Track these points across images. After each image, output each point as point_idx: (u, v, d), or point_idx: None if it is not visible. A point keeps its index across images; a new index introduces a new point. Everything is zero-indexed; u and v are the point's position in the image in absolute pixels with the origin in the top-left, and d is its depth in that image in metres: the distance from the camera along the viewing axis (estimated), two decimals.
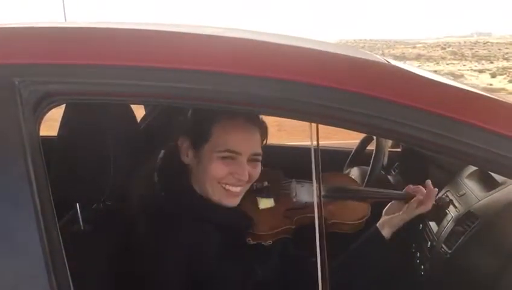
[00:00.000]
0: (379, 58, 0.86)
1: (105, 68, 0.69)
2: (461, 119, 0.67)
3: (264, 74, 0.69)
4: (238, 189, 1.01)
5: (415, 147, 1.55)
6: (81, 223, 0.93)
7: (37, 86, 0.68)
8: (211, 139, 0.98)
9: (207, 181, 1.00)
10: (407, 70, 0.79)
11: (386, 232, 1.13)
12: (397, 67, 0.80)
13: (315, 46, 0.80)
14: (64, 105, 0.92)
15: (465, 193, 1.35)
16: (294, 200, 1.15)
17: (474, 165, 1.34)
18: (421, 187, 1.16)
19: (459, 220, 1.25)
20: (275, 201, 1.13)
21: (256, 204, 1.10)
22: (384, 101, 0.68)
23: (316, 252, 0.86)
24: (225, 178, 0.99)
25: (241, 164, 0.99)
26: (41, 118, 0.71)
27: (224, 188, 1.00)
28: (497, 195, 1.22)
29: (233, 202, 1.02)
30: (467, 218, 1.22)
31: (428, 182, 1.16)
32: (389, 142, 1.81)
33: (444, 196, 1.36)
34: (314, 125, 0.80)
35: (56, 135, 0.93)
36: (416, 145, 0.75)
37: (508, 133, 0.68)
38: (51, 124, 0.93)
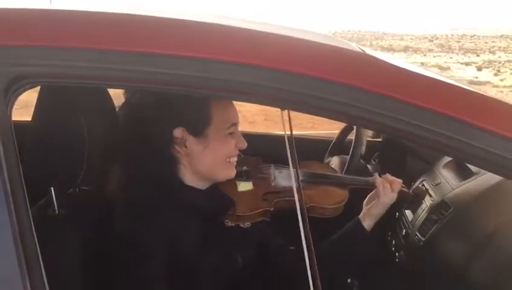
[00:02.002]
0: (354, 46, 0.87)
1: (78, 51, 0.68)
2: (435, 109, 0.68)
3: (246, 61, 0.69)
4: (236, 158, 1.05)
5: (392, 137, 1.57)
6: (56, 208, 0.92)
7: (8, 69, 0.67)
8: (213, 120, 0.99)
9: (218, 162, 1.02)
10: (385, 61, 0.79)
11: (367, 224, 1.15)
12: (374, 57, 0.81)
13: (297, 35, 0.80)
14: (39, 89, 0.92)
15: (440, 182, 1.38)
16: (272, 184, 1.17)
17: (445, 155, 1.37)
18: (378, 178, 1.18)
19: (433, 209, 1.27)
20: (253, 184, 1.14)
21: (235, 187, 1.11)
22: (363, 91, 0.68)
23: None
24: (233, 151, 1.03)
25: (238, 133, 1.04)
26: (13, 101, 0.70)
27: (230, 161, 1.03)
28: (470, 185, 1.24)
29: (234, 172, 1.06)
30: (440, 207, 1.25)
31: (387, 175, 1.18)
32: (369, 132, 1.84)
33: (420, 185, 1.39)
34: (286, 113, 0.80)
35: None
36: (393, 135, 0.77)
37: (481, 124, 0.69)
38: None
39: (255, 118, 6.42)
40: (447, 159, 1.50)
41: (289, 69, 0.67)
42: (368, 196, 1.22)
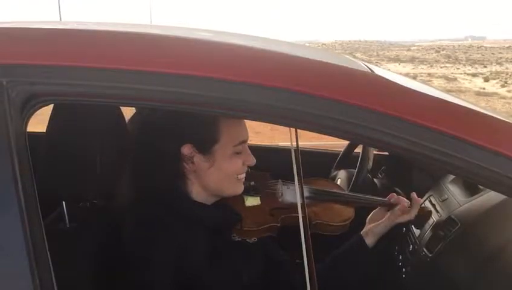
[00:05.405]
0: (361, 64, 0.88)
1: (92, 70, 0.70)
2: (433, 127, 0.69)
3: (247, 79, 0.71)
4: (244, 175, 1.06)
5: (391, 153, 1.58)
6: (67, 221, 0.94)
7: (25, 87, 0.69)
8: (221, 138, 0.99)
9: (225, 179, 1.02)
10: (394, 82, 0.80)
11: (369, 241, 1.15)
12: (378, 76, 0.82)
13: (295, 52, 0.81)
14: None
15: (447, 198, 1.38)
16: (280, 200, 1.17)
17: (448, 173, 1.37)
18: (402, 198, 1.19)
19: (440, 225, 1.27)
20: (261, 200, 1.14)
21: (243, 202, 1.12)
22: (361, 108, 0.70)
23: (299, 252, 0.88)
24: (241, 169, 1.03)
25: (247, 150, 1.04)
26: (29, 118, 0.72)
27: (238, 178, 1.04)
28: (478, 201, 1.24)
29: (242, 188, 1.07)
30: (447, 223, 1.25)
31: (414, 194, 1.19)
32: None
33: (426, 206, 1.39)
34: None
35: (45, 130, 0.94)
36: (392, 151, 0.78)
37: (482, 143, 0.70)
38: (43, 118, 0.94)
39: (261, 128, 6.41)
40: None
41: (300, 90, 0.69)
42: (373, 212, 1.22)
